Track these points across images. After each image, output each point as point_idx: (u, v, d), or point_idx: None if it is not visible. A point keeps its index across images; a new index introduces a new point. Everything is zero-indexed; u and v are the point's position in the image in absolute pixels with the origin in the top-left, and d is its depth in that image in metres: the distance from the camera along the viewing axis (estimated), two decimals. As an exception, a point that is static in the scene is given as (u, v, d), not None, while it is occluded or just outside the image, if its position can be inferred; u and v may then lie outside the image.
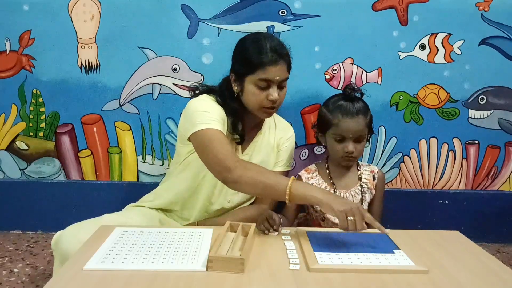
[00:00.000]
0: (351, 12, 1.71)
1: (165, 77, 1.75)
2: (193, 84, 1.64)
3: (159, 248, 1.00)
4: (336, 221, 1.34)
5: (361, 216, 1.00)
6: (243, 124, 1.34)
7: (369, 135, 1.40)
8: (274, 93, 1.24)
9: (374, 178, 1.42)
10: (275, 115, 1.44)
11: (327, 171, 1.40)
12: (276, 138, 1.43)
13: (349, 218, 0.99)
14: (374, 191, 1.41)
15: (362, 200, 1.37)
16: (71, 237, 1.12)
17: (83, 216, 1.26)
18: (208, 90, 1.36)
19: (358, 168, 1.42)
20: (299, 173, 1.43)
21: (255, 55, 1.23)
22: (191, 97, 1.37)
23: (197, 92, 1.37)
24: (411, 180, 1.89)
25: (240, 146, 1.36)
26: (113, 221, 1.22)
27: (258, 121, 1.39)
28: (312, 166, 1.44)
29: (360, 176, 1.40)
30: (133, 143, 1.82)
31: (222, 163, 1.13)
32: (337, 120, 1.32)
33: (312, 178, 1.40)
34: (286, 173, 1.46)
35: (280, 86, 1.26)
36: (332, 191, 1.35)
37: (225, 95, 1.32)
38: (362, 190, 1.38)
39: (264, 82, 1.23)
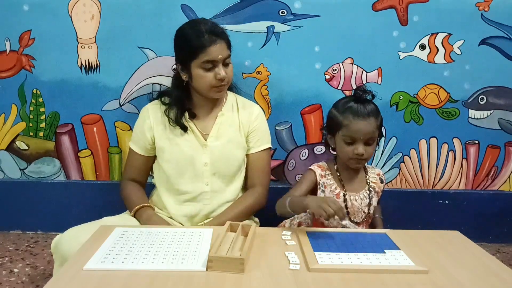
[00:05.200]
0: (351, 12, 1.71)
1: (165, 77, 1.75)
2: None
3: (159, 248, 1.00)
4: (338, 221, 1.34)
5: None
6: (198, 111, 1.40)
7: (378, 138, 1.37)
8: (220, 71, 1.30)
9: (382, 181, 1.40)
10: (236, 96, 1.50)
11: (337, 173, 1.38)
12: (241, 118, 1.44)
13: None
14: (380, 194, 1.40)
15: (369, 205, 1.35)
16: (70, 239, 1.12)
17: (83, 216, 1.27)
18: (159, 94, 1.46)
19: (366, 171, 1.40)
20: (313, 168, 1.38)
21: (195, 40, 1.29)
22: None
23: (151, 99, 1.49)
24: (411, 180, 1.89)
25: (198, 132, 1.38)
26: (113, 223, 1.22)
27: (213, 105, 1.42)
28: (323, 164, 1.40)
29: (368, 181, 1.38)
30: (133, 143, 1.82)
31: (122, 176, 1.51)
32: (347, 121, 1.28)
33: (325, 176, 1.36)
34: (269, 150, 1.48)
35: (225, 63, 1.32)
36: (342, 194, 1.33)
37: (175, 86, 1.42)
38: (370, 194, 1.36)
39: (209, 63, 1.29)
